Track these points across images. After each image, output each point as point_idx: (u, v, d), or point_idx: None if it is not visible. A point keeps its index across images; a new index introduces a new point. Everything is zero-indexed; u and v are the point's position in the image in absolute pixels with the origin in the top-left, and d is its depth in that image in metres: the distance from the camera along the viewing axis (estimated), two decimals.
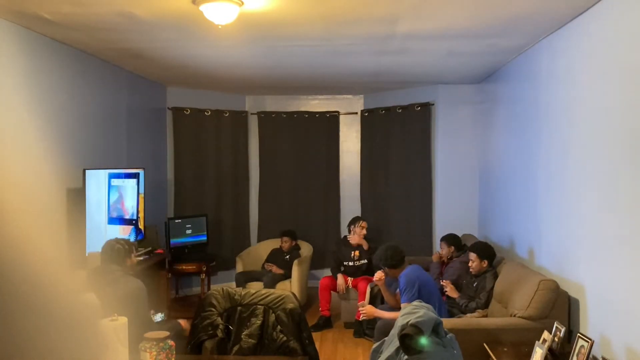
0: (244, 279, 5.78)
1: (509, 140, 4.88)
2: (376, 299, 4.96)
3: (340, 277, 5.47)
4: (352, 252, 5.59)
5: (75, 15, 3.41)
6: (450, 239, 5.07)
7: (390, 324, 2.89)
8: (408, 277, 3.88)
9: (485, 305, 4.07)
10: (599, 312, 3.08)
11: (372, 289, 5.27)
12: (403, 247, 4.27)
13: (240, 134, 6.96)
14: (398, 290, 4.04)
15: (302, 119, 7.06)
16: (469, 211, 6.02)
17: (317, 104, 7.13)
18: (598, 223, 3.06)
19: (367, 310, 4.08)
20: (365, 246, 5.56)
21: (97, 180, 4.37)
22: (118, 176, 4.71)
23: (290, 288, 5.53)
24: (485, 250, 4.30)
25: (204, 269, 5.80)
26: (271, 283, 5.57)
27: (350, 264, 5.57)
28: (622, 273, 2.78)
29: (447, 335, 2.33)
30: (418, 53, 4.49)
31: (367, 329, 4.95)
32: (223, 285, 3.74)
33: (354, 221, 5.72)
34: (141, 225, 5.01)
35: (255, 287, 5.22)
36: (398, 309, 3.75)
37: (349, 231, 5.70)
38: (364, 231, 5.59)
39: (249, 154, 7.10)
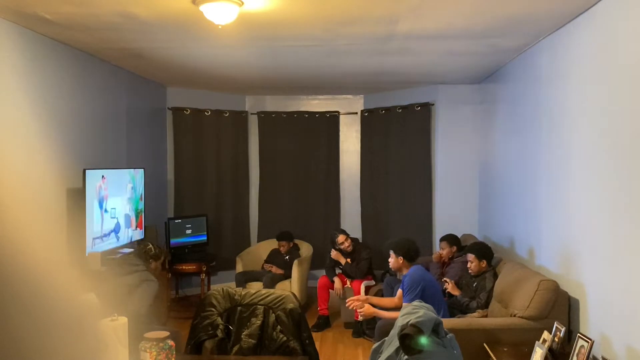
0: (244, 279, 5.78)
1: (509, 140, 4.88)
2: None
3: (337, 280, 5.40)
4: (344, 259, 5.49)
5: (75, 15, 3.41)
6: (452, 239, 5.07)
7: (390, 324, 2.89)
8: (412, 278, 3.81)
9: (485, 305, 4.07)
10: (599, 312, 3.08)
11: (366, 287, 5.27)
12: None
13: (240, 134, 6.96)
14: (400, 289, 4.03)
15: (302, 119, 7.05)
16: (469, 211, 6.02)
17: (317, 104, 7.13)
18: (598, 223, 3.06)
19: (365, 310, 3.87)
20: (342, 261, 5.45)
21: None
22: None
23: (290, 288, 5.52)
24: (483, 250, 4.30)
25: (204, 269, 5.80)
26: (271, 283, 5.57)
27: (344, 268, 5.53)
28: (622, 273, 2.78)
29: (447, 335, 2.33)
30: (418, 53, 4.49)
31: (367, 329, 4.95)
32: (223, 285, 3.73)
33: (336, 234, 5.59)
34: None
35: (255, 287, 5.22)
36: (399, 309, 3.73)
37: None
38: (340, 246, 5.46)
39: (249, 154, 7.10)
